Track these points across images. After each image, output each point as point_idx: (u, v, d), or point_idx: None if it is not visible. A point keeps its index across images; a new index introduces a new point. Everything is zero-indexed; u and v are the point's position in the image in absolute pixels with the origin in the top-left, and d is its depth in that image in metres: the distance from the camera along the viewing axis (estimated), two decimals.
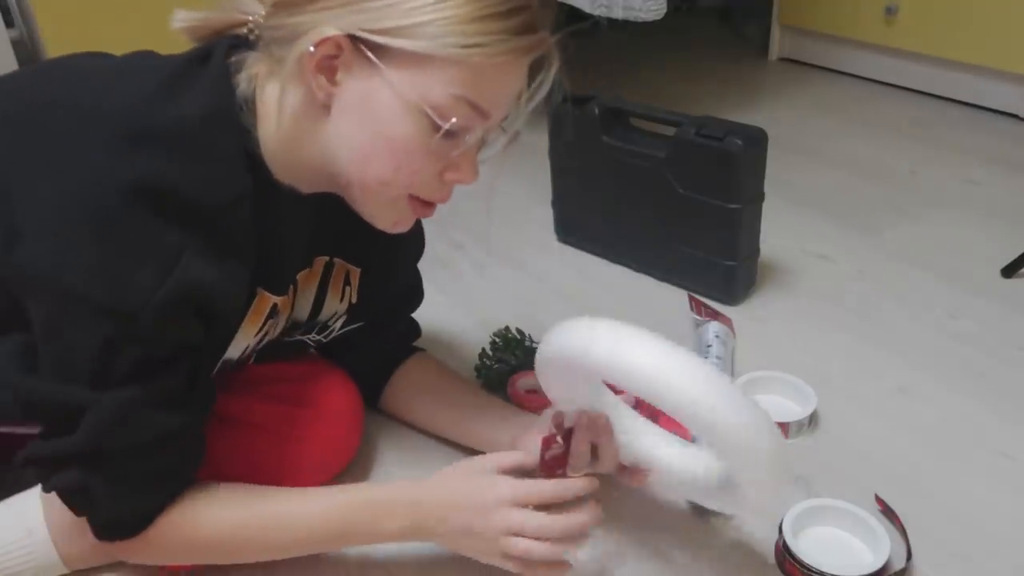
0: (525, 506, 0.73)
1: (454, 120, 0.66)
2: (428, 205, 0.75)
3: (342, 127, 0.69)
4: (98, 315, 0.64)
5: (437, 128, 0.67)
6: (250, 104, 0.69)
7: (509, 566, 0.74)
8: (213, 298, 0.68)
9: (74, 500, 0.71)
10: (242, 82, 0.69)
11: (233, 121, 0.68)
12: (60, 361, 0.66)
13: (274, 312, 0.80)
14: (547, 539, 0.72)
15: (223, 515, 0.74)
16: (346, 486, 0.78)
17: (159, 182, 0.63)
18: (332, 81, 0.67)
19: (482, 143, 0.73)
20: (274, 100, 0.69)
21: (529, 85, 0.71)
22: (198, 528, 0.73)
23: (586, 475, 0.78)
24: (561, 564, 0.74)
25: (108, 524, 0.73)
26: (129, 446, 0.68)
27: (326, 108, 0.68)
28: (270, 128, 0.70)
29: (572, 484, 0.75)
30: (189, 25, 0.73)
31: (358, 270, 0.90)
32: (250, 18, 0.71)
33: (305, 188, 0.75)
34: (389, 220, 0.75)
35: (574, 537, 0.74)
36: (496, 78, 0.67)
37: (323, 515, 0.76)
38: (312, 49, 0.64)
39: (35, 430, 0.70)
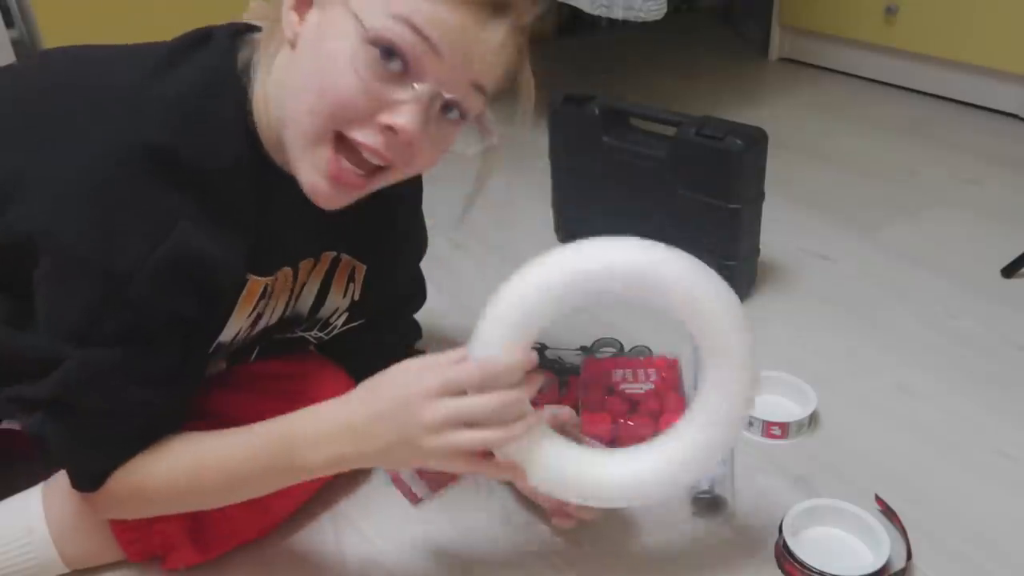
0: (455, 394, 0.67)
1: (385, 41, 0.61)
2: (359, 168, 0.66)
3: (296, 61, 0.66)
4: (89, 275, 0.64)
5: (374, 51, 0.61)
6: (248, 74, 0.69)
7: (457, 466, 0.70)
8: (209, 266, 0.67)
9: (40, 446, 0.71)
10: (243, 54, 0.69)
11: (233, 90, 0.68)
12: (48, 318, 0.66)
13: (266, 294, 0.79)
14: (484, 424, 0.67)
15: (165, 466, 0.72)
16: (275, 420, 0.72)
17: (158, 145, 0.64)
18: (302, 21, 0.66)
19: (435, 99, 0.64)
20: (264, 59, 0.69)
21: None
22: (144, 483, 0.72)
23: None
24: (508, 436, 0.68)
25: (72, 476, 0.73)
26: (95, 408, 0.68)
27: (292, 47, 0.67)
28: (259, 93, 0.69)
29: (505, 359, 0.68)
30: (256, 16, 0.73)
31: (363, 267, 0.90)
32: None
33: (287, 165, 0.73)
34: (311, 172, 0.66)
35: (512, 415, 0.68)
36: (447, 14, 0.62)
37: (248, 454, 0.72)
38: None
39: None
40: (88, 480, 0.72)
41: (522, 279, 0.70)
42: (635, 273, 0.70)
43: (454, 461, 0.69)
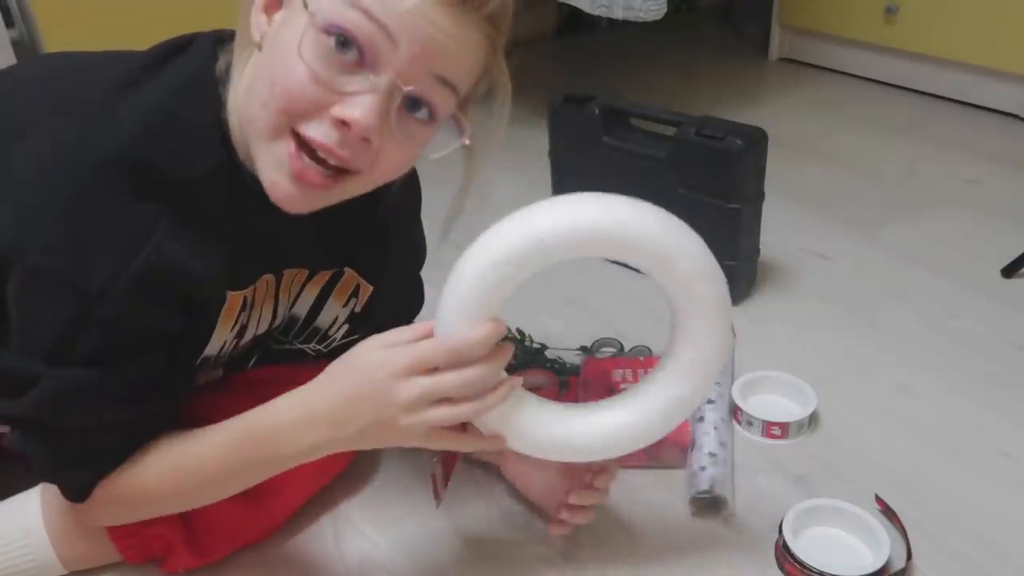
0: (426, 371, 0.65)
1: (334, 28, 0.58)
2: (316, 165, 0.62)
3: (257, 59, 0.64)
4: (61, 292, 0.62)
5: (328, 40, 0.59)
6: (225, 81, 0.68)
7: (436, 443, 0.68)
8: (187, 276, 0.66)
9: (25, 460, 0.70)
10: (224, 61, 0.68)
11: (209, 97, 0.67)
12: (23, 334, 0.65)
13: (246, 305, 0.78)
14: (458, 399, 0.65)
15: (143, 474, 0.70)
16: (246, 414, 0.71)
17: (132, 155, 0.63)
18: (270, 22, 0.64)
19: (392, 92, 0.61)
20: (237, 67, 0.67)
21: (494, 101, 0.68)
22: (128, 491, 0.71)
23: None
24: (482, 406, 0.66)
25: (60, 489, 0.72)
26: (73, 427, 0.67)
27: (259, 48, 0.65)
28: (233, 99, 0.67)
29: (472, 334, 0.65)
30: None
31: (369, 288, 0.87)
32: None
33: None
34: (273, 170, 0.63)
35: (485, 388, 0.66)
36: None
37: (222, 454, 0.70)
38: None
39: None
40: (72, 493, 0.71)
41: (481, 251, 0.66)
42: (598, 237, 0.66)
43: (432, 438, 0.67)
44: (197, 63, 0.68)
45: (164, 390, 0.71)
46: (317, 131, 0.61)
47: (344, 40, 0.59)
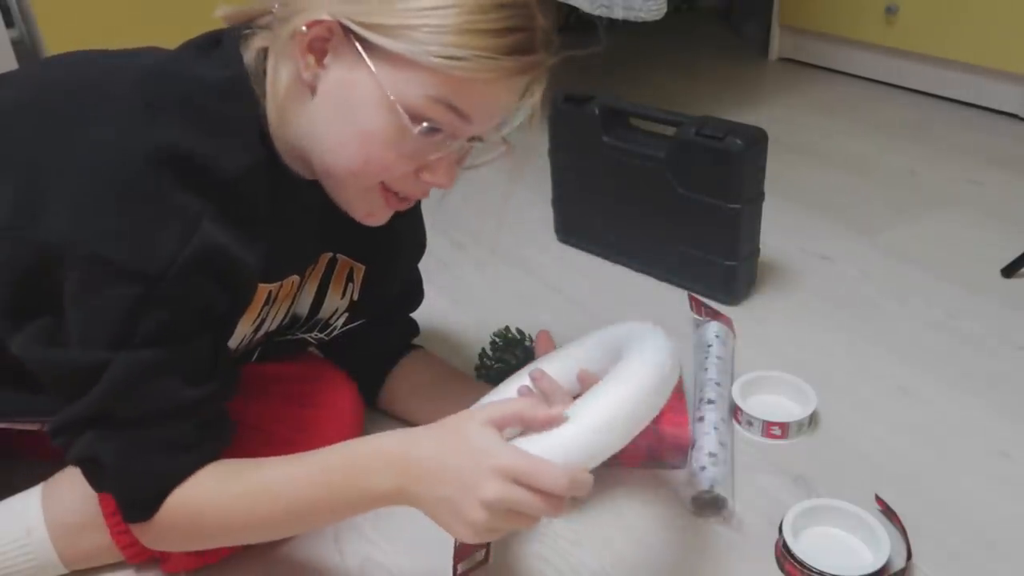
0: (523, 484, 0.62)
1: (425, 124, 0.66)
2: (404, 199, 0.75)
3: (322, 111, 0.68)
4: (123, 277, 0.63)
5: (411, 127, 0.66)
6: (258, 79, 0.70)
7: (471, 536, 0.65)
8: (234, 263, 0.68)
9: (89, 472, 0.70)
10: (249, 57, 0.70)
11: (247, 94, 0.69)
12: (85, 327, 0.65)
13: (270, 300, 0.79)
14: (528, 517, 0.64)
15: (219, 492, 0.69)
16: (333, 446, 0.70)
17: (177, 148, 0.64)
18: (320, 63, 0.67)
19: (465, 151, 0.72)
20: (272, 75, 0.70)
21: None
22: (202, 509, 0.69)
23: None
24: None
25: (125, 503, 0.71)
26: (143, 414, 0.66)
27: (312, 89, 0.68)
28: (271, 104, 0.70)
29: (586, 480, 0.64)
30: (228, 13, 0.74)
31: (362, 267, 0.90)
32: (275, 7, 0.71)
33: (304, 173, 0.74)
34: (362, 210, 0.75)
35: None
36: (480, 90, 0.67)
37: (306, 479, 0.69)
38: (304, 29, 0.65)
39: (34, 426, 0.70)
40: (144, 505, 0.69)
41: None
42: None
43: (479, 536, 0.65)
44: (230, 63, 0.69)
45: (220, 371, 0.71)
46: (404, 186, 0.72)
47: (431, 128, 0.67)
